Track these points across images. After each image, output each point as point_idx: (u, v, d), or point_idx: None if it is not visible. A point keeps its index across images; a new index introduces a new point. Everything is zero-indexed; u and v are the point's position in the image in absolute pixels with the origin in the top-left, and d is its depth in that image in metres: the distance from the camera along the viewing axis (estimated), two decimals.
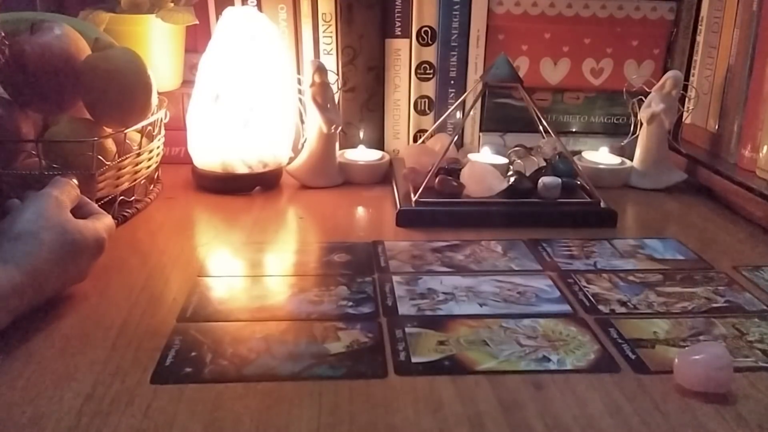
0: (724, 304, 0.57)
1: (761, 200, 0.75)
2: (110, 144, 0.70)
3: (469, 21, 0.91)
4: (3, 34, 0.62)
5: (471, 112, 0.92)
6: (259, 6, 0.89)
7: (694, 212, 0.81)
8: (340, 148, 0.91)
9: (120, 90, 0.69)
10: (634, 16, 0.92)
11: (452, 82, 0.93)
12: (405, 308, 0.55)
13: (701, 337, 0.52)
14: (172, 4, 0.86)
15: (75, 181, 0.59)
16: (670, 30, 0.94)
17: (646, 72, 0.94)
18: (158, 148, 0.79)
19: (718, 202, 0.83)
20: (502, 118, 0.95)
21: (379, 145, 0.94)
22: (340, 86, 0.91)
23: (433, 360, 0.48)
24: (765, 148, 0.80)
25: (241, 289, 0.59)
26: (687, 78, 0.94)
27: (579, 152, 0.92)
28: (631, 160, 0.90)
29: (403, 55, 0.92)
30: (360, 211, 0.79)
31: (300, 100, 0.86)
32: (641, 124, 0.88)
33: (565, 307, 0.56)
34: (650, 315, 0.55)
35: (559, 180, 0.76)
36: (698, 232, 0.74)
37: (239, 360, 0.47)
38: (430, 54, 0.92)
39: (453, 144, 0.81)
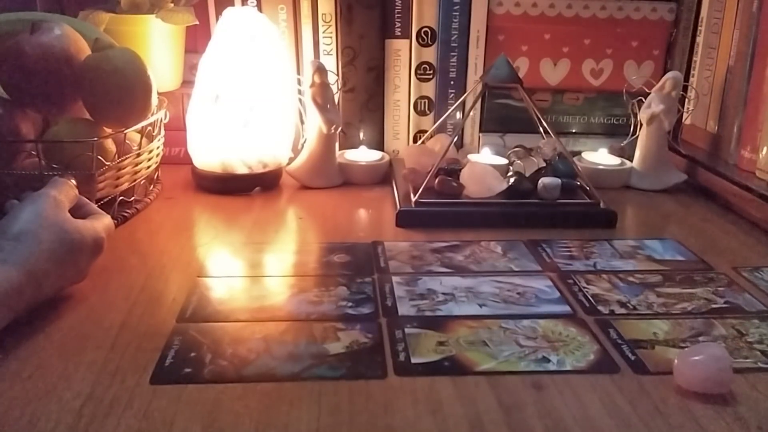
0: (724, 305, 0.57)
1: (761, 201, 0.75)
2: (110, 144, 0.70)
3: (469, 21, 0.91)
4: None
5: (471, 113, 0.92)
6: (259, 6, 0.89)
7: (693, 213, 0.81)
8: (340, 149, 0.91)
9: (120, 90, 0.69)
10: (634, 16, 0.92)
11: (452, 82, 0.93)
12: (405, 309, 0.55)
13: (701, 338, 0.52)
14: (172, 5, 0.86)
15: (73, 181, 0.59)
16: (669, 31, 0.94)
17: (646, 73, 0.94)
18: (158, 148, 0.79)
19: (717, 203, 0.83)
20: (502, 118, 0.95)
21: (379, 145, 0.94)
22: (340, 87, 0.91)
23: (432, 361, 0.48)
24: (764, 149, 0.80)
25: (241, 290, 0.59)
26: (687, 79, 0.94)
27: (579, 153, 0.92)
28: (631, 160, 0.90)
29: (403, 56, 0.92)
30: (360, 211, 0.79)
31: (300, 100, 0.86)
32: (641, 124, 0.88)
33: (565, 308, 0.56)
34: (650, 316, 0.55)
35: (559, 181, 0.76)
36: (698, 233, 0.74)
37: (239, 360, 0.47)
38: (430, 54, 0.92)
39: (453, 144, 0.81)
